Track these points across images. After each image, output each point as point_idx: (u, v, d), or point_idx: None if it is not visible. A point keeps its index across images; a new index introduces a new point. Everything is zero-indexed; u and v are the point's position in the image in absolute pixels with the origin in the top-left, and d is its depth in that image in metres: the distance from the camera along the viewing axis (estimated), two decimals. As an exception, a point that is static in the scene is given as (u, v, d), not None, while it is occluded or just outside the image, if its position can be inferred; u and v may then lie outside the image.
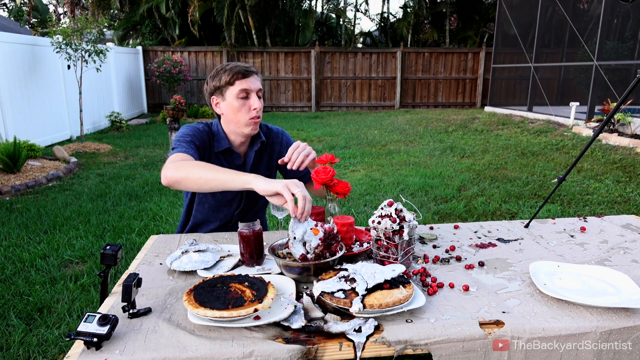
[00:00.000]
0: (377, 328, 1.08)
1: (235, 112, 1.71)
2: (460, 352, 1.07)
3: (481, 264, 1.46)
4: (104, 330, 1.00)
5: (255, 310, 1.07)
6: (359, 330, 1.07)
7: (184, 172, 1.46)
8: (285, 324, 1.09)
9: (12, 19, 18.69)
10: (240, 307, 1.07)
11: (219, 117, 1.82)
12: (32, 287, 2.89)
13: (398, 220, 1.36)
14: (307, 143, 1.58)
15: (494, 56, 12.26)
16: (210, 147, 1.79)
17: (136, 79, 12.59)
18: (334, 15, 15.42)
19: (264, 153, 1.90)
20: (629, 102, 7.07)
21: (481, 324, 1.10)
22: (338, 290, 1.16)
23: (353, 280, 1.20)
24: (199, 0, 12.62)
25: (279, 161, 1.57)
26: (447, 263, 1.48)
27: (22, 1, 18.95)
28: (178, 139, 1.70)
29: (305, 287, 1.31)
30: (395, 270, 1.22)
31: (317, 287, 1.19)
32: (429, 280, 1.34)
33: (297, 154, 1.53)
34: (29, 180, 5.36)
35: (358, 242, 1.59)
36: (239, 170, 1.79)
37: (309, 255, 1.32)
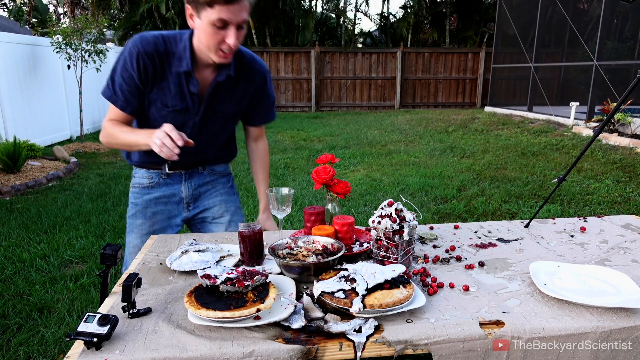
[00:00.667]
0: (377, 328, 1.09)
1: (207, 37, 1.47)
2: (460, 352, 1.07)
3: (481, 264, 1.46)
4: (104, 330, 1.00)
5: (258, 310, 1.08)
6: (359, 330, 1.07)
7: (112, 140, 1.65)
8: (286, 324, 1.09)
9: (12, 19, 18.69)
10: (243, 308, 1.07)
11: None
12: (32, 287, 2.89)
13: (398, 220, 1.36)
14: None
15: (494, 56, 12.26)
16: (163, 70, 1.58)
17: (136, 79, 12.57)
18: (334, 16, 15.43)
19: (238, 87, 1.71)
20: (629, 102, 7.07)
21: (481, 324, 1.10)
22: (338, 290, 1.16)
23: (353, 280, 1.20)
24: (199, 0, 12.61)
25: None
26: (447, 263, 1.48)
27: (22, 1, 18.95)
28: (112, 80, 1.59)
29: (305, 287, 1.31)
30: (395, 270, 1.22)
31: (317, 287, 1.19)
32: (429, 280, 1.34)
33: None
34: (29, 180, 5.36)
35: (358, 242, 1.59)
36: (192, 97, 1.63)
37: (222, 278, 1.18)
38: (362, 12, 19.53)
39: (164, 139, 1.39)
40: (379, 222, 1.38)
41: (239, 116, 1.83)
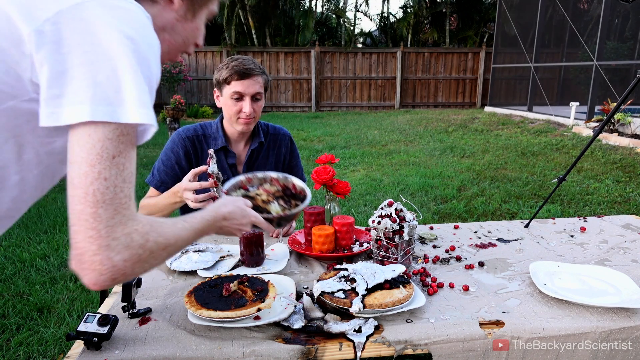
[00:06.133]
0: (377, 328, 1.09)
1: (228, 110, 1.76)
2: (460, 352, 1.07)
3: (481, 264, 1.46)
4: (104, 330, 1.00)
5: (258, 309, 1.08)
6: (359, 330, 1.07)
7: (147, 211, 1.75)
8: (286, 324, 1.09)
9: (12, 19, 18.67)
10: (243, 307, 1.08)
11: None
12: (32, 287, 2.89)
13: (398, 220, 1.36)
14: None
15: (494, 56, 12.26)
16: (203, 150, 1.84)
17: (136, 79, 12.57)
18: (334, 16, 15.42)
19: (270, 153, 1.93)
20: (629, 102, 7.07)
21: (481, 324, 1.10)
22: (338, 290, 1.16)
23: (353, 280, 1.20)
24: (199, 0, 12.61)
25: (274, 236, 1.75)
26: (447, 263, 1.48)
27: (22, 1, 18.95)
28: (154, 166, 1.86)
29: (305, 287, 1.31)
30: (395, 270, 1.22)
31: (317, 287, 1.19)
32: (429, 280, 1.34)
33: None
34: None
35: (358, 242, 1.59)
36: (231, 169, 1.85)
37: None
38: (362, 12, 19.52)
39: (196, 201, 1.45)
40: (379, 222, 1.38)
41: None
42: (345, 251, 1.51)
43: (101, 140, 0.65)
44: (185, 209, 1.97)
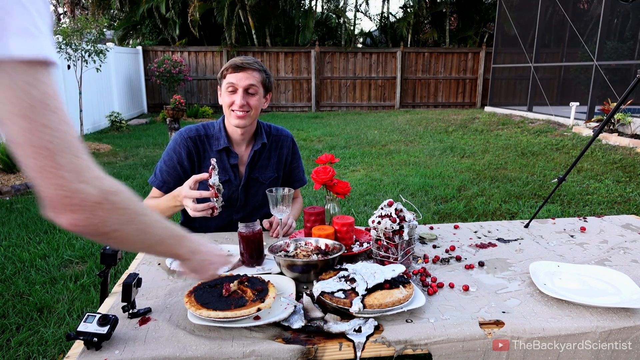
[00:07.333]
0: (377, 328, 1.09)
1: (223, 103, 1.79)
2: (460, 352, 1.07)
3: (481, 264, 1.46)
4: (104, 330, 1.00)
5: (258, 309, 1.08)
6: (358, 330, 1.07)
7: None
8: (285, 324, 1.09)
9: (12, 19, 18.66)
10: (243, 307, 1.08)
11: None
12: (32, 287, 2.89)
13: (398, 220, 1.36)
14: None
15: (494, 56, 12.26)
16: (205, 150, 1.84)
17: (136, 79, 12.58)
18: (334, 15, 15.42)
19: (272, 154, 1.93)
20: (629, 102, 7.07)
21: (481, 324, 1.10)
22: (338, 290, 1.16)
23: (353, 280, 1.20)
24: (199, 0, 12.62)
25: (265, 225, 1.76)
26: (447, 263, 1.48)
27: (22, 1, 18.92)
28: (156, 166, 1.86)
29: (305, 287, 1.31)
30: (395, 270, 1.22)
31: (317, 287, 1.19)
32: (429, 280, 1.34)
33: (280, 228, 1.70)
34: (29, 180, 5.36)
35: (358, 242, 1.59)
36: (233, 169, 1.85)
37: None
38: (362, 12, 19.55)
39: (194, 210, 1.55)
40: (379, 222, 1.38)
41: (277, 183, 1.96)
42: (345, 251, 1.51)
43: (24, 87, 0.59)
44: (187, 212, 1.97)
